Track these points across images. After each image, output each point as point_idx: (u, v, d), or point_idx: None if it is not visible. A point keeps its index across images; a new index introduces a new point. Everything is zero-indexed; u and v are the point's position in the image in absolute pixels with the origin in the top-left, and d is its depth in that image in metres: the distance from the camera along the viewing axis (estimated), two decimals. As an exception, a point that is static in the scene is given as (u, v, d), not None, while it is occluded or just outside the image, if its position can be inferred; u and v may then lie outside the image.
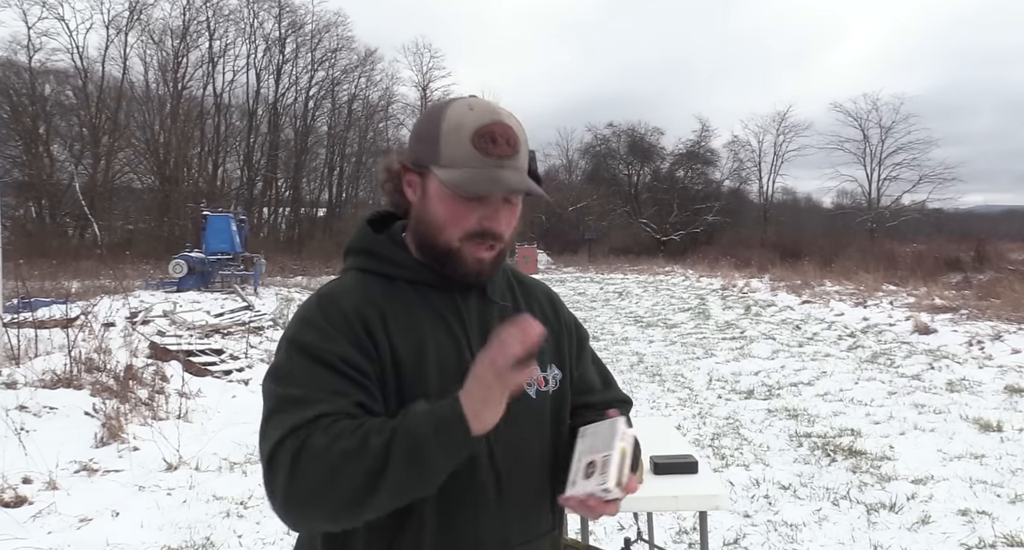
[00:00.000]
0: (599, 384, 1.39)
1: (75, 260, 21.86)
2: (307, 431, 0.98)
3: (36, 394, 5.49)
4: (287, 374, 1.07)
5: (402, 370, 1.11)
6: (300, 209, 44.17)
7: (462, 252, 1.14)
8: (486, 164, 1.10)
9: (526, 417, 1.20)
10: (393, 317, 1.14)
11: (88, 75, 36.83)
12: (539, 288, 1.37)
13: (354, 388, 1.06)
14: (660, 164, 49.84)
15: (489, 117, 1.12)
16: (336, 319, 1.11)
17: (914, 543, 3.72)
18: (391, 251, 1.21)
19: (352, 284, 1.19)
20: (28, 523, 3.83)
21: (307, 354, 1.07)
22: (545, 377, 1.25)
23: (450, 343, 1.16)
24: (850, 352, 9.99)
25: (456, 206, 1.13)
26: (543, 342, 1.13)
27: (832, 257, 23.99)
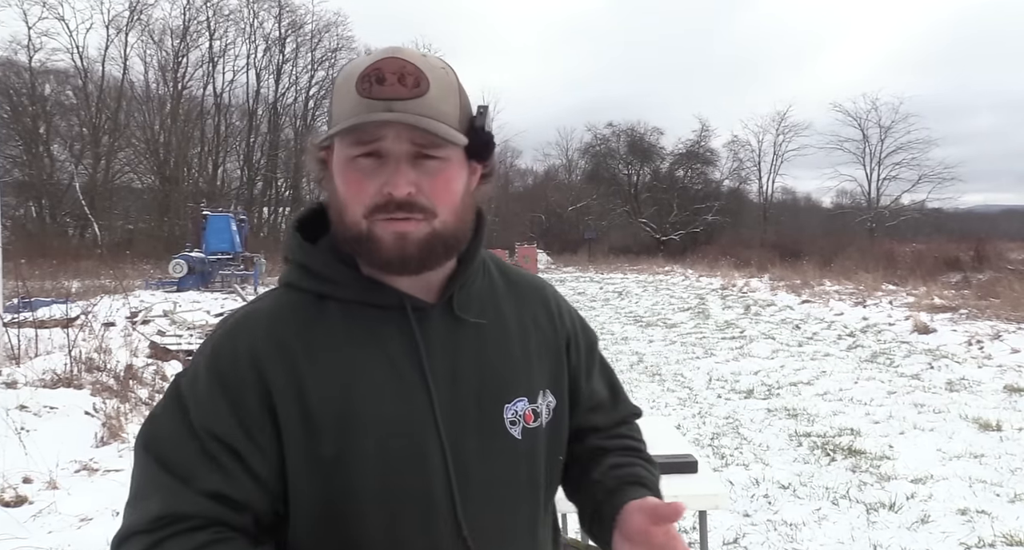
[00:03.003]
0: (607, 398, 1.17)
1: (75, 260, 21.84)
2: (156, 538, 0.85)
3: (36, 394, 5.49)
4: (155, 437, 0.91)
5: (315, 426, 0.89)
6: (300, 209, 43.94)
7: (373, 232, 0.89)
8: (369, 108, 0.86)
9: (507, 465, 0.98)
10: (309, 357, 0.91)
11: (88, 75, 36.85)
12: (534, 289, 1.11)
13: (212, 472, 0.87)
14: (660, 164, 49.85)
15: (383, 54, 0.88)
16: (225, 368, 0.90)
17: (913, 542, 3.73)
18: (321, 262, 0.96)
19: (270, 309, 0.96)
20: (28, 523, 3.83)
21: (178, 415, 0.90)
22: (535, 410, 1.01)
23: (393, 384, 0.92)
24: (850, 352, 9.99)
25: (351, 174, 0.89)
26: (530, 362, 1.02)
27: (832, 257, 23.98)
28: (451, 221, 0.92)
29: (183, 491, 0.87)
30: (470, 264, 1.00)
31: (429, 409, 0.93)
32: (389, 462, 0.91)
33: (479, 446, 0.96)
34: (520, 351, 1.02)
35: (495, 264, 1.09)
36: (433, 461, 0.93)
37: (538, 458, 1.01)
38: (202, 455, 0.88)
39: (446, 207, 0.91)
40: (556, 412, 1.05)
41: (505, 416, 0.98)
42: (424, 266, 0.93)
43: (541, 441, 1.01)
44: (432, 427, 0.93)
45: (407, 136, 0.87)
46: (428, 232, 0.90)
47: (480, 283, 1.03)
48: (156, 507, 0.86)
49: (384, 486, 0.92)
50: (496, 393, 0.98)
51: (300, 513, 0.92)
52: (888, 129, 45.25)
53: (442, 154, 0.89)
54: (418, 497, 0.92)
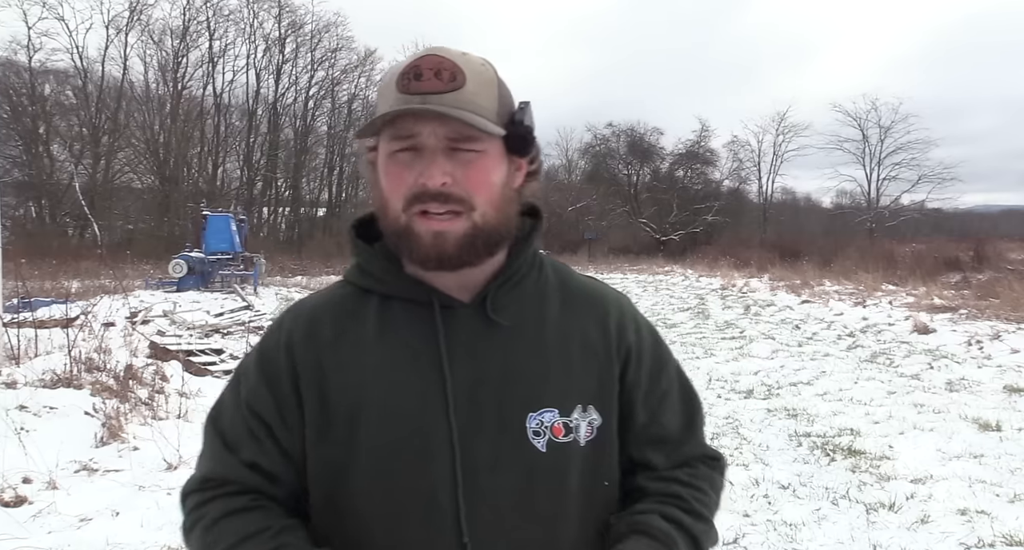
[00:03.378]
0: (676, 433, 1.04)
1: (75, 260, 21.86)
2: (204, 498, 0.98)
3: (36, 394, 5.49)
4: (218, 412, 1.03)
5: (330, 414, 0.94)
6: (300, 209, 44.17)
7: (412, 227, 0.90)
8: (407, 102, 0.87)
9: (524, 477, 0.92)
10: (335, 347, 0.96)
11: (88, 75, 36.85)
12: (592, 300, 1.03)
13: (251, 444, 0.96)
14: (660, 164, 49.88)
15: (424, 52, 0.90)
16: (268, 350, 0.99)
17: (913, 542, 3.73)
18: (369, 259, 1.00)
19: (318, 299, 1.03)
20: (28, 523, 3.82)
21: (236, 391, 1.01)
22: (567, 424, 0.94)
23: (409, 380, 0.93)
24: (849, 352, 9.99)
25: (390, 168, 0.91)
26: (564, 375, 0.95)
27: (831, 257, 24.00)
28: (491, 214, 0.91)
29: (229, 458, 0.97)
30: (513, 264, 0.98)
31: (443, 409, 0.92)
32: (393, 458, 0.92)
33: (493, 453, 0.92)
34: (557, 360, 0.97)
35: (555, 270, 1.05)
36: (440, 462, 0.92)
37: (567, 476, 0.95)
38: (246, 428, 0.97)
39: (483, 198, 0.90)
40: (601, 432, 0.97)
41: (528, 425, 0.93)
42: (463, 262, 0.92)
43: (574, 459, 0.95)
44: (444, 427, 0.92)
45: (442, 130, 0.88)
46: (467, 227, 0.90)
47: (528, 286, 1.00)
48: (207, 469, 1.00)
49: (386, 482, 0.92)
50: (520, 400, 0.94)
51: (314, 496, 0.97)
52: (888, 129, 45.36)
53: (478, 147, 0.89)
54: (420, 497, 0.91)
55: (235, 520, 0.93)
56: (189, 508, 0.99)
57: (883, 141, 45.77)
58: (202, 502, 0.97)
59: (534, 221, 1.02)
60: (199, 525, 0.96)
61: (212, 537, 0.93)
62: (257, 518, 0.93)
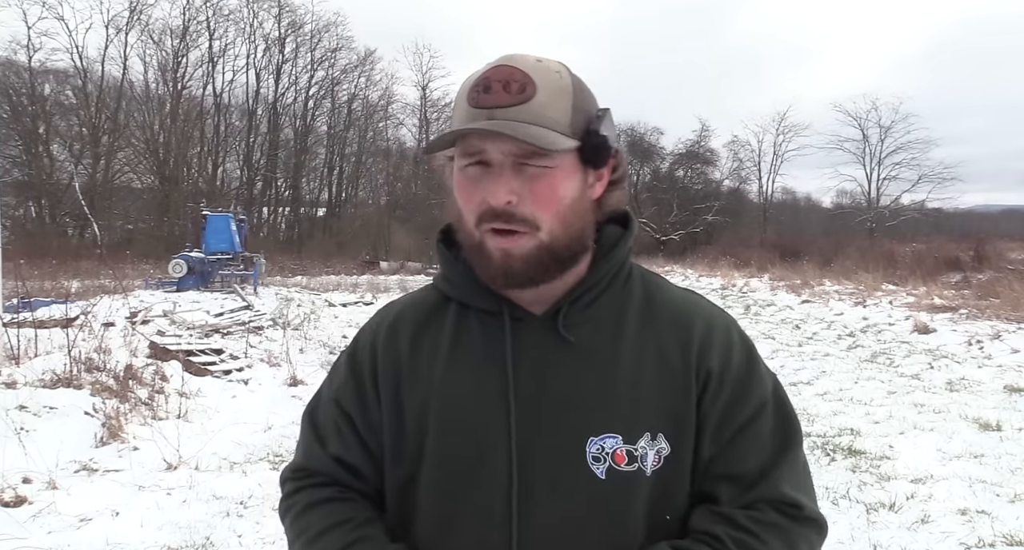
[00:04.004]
0: (752, 469, 0.93)
1: (75, 260, 21.84)
2: (296, 486, 1.04)
3: (36, 394, 5.49)
4: (315, 405, 1.08)
5: (402, 415, 0.96)
6: (300, 209, 44.18)
7: (484, 244, 0.89)
8: (474, 117, 0.86)
9: (581, 502, 0.89)
10: (413, 349, 0.97)
11: (88, 75, 36.83)
12: (678, 316, 0.96)
13: (336, 439, 1.01)
14: (660, 164, 49.90)
15: (496, 63, 0.88)
16: (358, 348, 1.03)
17: (913, 542, 3.72)
18: (451, 266, 0.99)
19: (406, 303, 1.05)
20: (28, 523, 3.82)
21: (329, 385, 1.06)
22: (631, 451, 0.89)
23: (474, 389, 0.92)
24: (850, 351, 9.99)
25: (461, 183, 0.90)
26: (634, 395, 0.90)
27: (832, 257, 24.00)
28: (559, 232, 0.88)
29: (318, 451, 1.02)
30: (591, 278, 0.94)
31: (504, 425, 0.90)
32: (452, 469, 0.92)
33: (552, 474, 0.89)
34: (627, 383, 0.91)
35: (645, 283, 0.99)
36: (495, 478, 0.90)
37: (630, 507, 0.90)
38: (334, 423, 1.01)
39: (550, 217, 0.87)
40: (669, 462, 0.90)
41: (588, 450, 0.89)
42: (532, 281, 0.90)
43: (640, 488, 0.89)
44: (504, 443, 0.90)
45: (508, 145, 0.85)
46: (534, 246, 0.87)
47: (607, 300, 0.95)
48: (300, 459, 1.06)
49: (442, 491, 0.93)
50: (581, 423, 0.90)
51: (388, 495, 1.01)
52: (888, 129, 45.34)
53: (547, 162, 0.86)
54: (473, 509, 0.91)
55: (322, 510, 0.98)
56: (285, 494, 1.05)
57: (883, 141, 45.79)
58: (295, 490, 1.03)
59: (624, 230, 0.98)
60: (291, 512, 1.02)
61: (301, 525, 0.99)
62: (342, 509, 0.98)
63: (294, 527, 1.01)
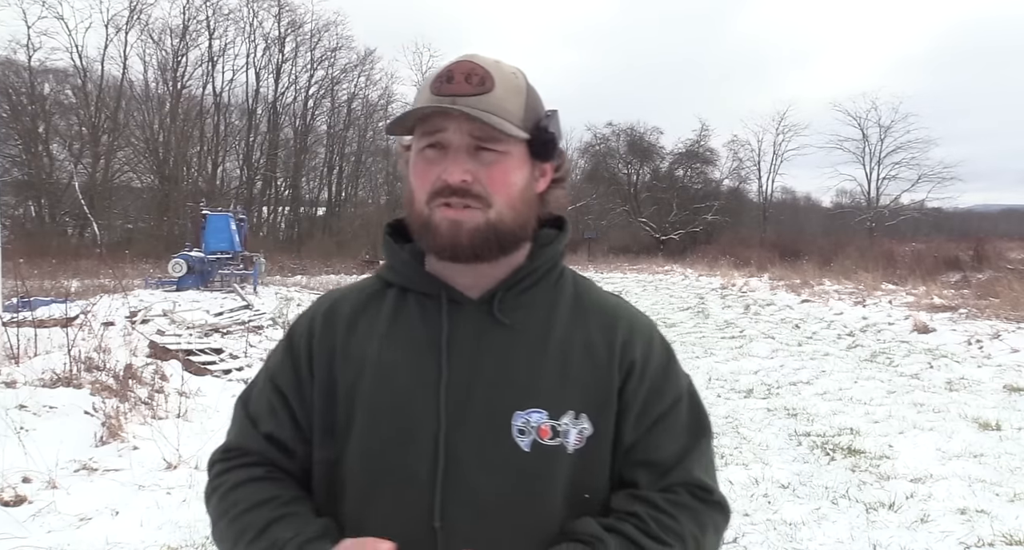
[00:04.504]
0: (670, 458, 0.99)
1: (74, 259, 21.86)
2: (225, 466, 1.05)
3: (36, 393, 5.49)
4: (249, 389, 1.11)
5: (334, 393, 0.99)
6: (299, 208, 44.20)
7: (432, 218, 0.94)
8: (437, 103, 0.92)
9: (505, 474, 0.93)
10: (349, 331, 1.01)
11: (87, 74, 36.86)
12: (604, 314, 1.02)
13: (270, 417, 1.04)
14: (659, 163, 49.92)
15: (458, 59, 0.96)
16: (295, 331, 1.07)
17: (913, 542, 3.73)
18: (394, 255, 1.05)
19: (345, 289, 1.10)
20: (28, 522, 3.82)
21: (266, 368, 1.09)
22: (555, 427, 0.94)
23: (408, 367, 0.97)
24: (849, 351, 9.99)
25: (418, 164, 0.96)
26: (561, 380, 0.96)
27: (831, 256, 24.00)
28: (507, 214, 0.94)
29: (250, 430, 1.05)
30: (527, 267, 1.00)
31: (434, 399, 0.95)
32: (380, 437, 0.96)
33: (478, 444, 0.94)
34: (554, 364, 0.97)
35: (576, 283, 1.05)
36: (423, 446, 0.94)
37: (552, 481, 0.94)
38: (268, 402, 1.04)
39: (501, 198, 0.94)
40: (591, 442, 0.96)
41: (514, 422, 0.94)
42: (476, 256, 0.95)
43: (561, 465, 0.94)
44: (432, 414, 0.95)
45: (467, 128, 0.92)
46: (482, 221, 0.93)
47: (540, 292, 1.01)
48: (230, 439, 1.08)
49: (370, 459, 0.97)
50: (509, 397, 0.95)
51: (316, 471, 1.03)
52: (888, 129, 45.40)
53: (501, 148, 0.93)
54: (399, 477, 0.95)
55: (250, 488, 1.00)
56: (212, 476, 1.06)
57: (883, 140, 45.86)
58: (223, 470, 1.05)
59: (559, 232, 1.04)
60: (218, 492, 1.03)
61: (228, 503, 1.00)
62: (269, 488, 1.00)
63: (220, 505, 1.02)
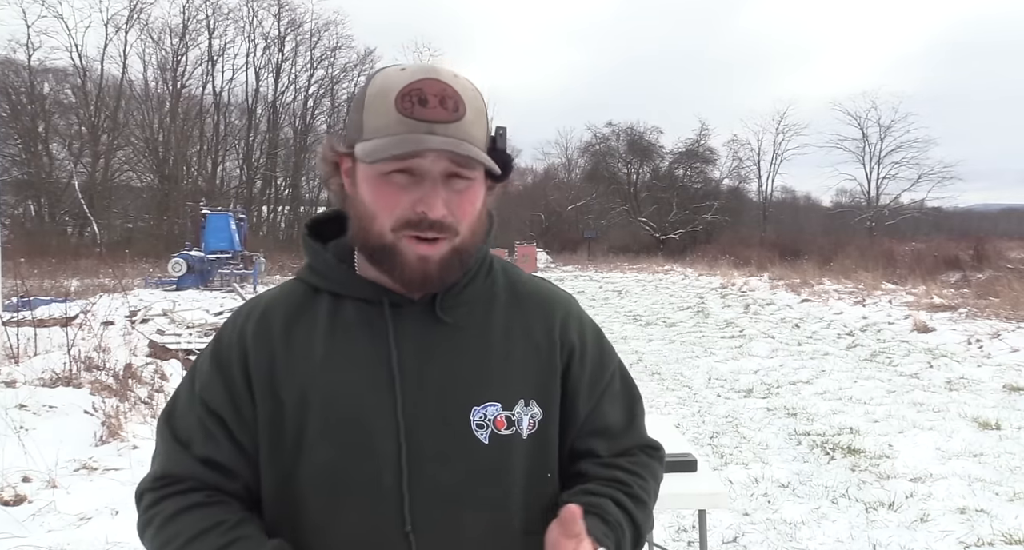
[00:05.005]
0: (618, 424, 1.10)
1: (74, 259, 21.87)
2: (158, 496, 0.98)
3: (35, 393, 5.49)
4: (173, 407, 1.03)
5: (279, 407, 0.96)
6: (299, 208, 44.14)
7: (398, 248, 0.92)
8: (411, 128, 0.88)
9: (468, 468, 0.95)
10: (286, 342, 0.98)
11: (87, 73, 36.81)
12: (539, 301, 1.07)
13: (204, 440, 0.98)
14: (659, 163, 49.84)
15: (421, 74, 0.90)
16: (222, 347, 1.00)
17: (913, 541, 3.73)
18: (321, 260, 1.02)
19: (270, 297, 1.04)
20: (27, 521, 3.83)
21: (190, 387, 1.02)
22: (509, 417, 0.98)
23: (357, 375, 0.95)
24: (849, 350, 9.99)
25: (383, 188, 0.91)
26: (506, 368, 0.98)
27: (831, 256, 23.99)
28: (468, 236, 0.95)
29: (182, 455, 0.98)
30: (461, 264, 0.99)
31: (390, 402, 0.94)
32: (339, 450, 0.94)
33: (438, 445, 0.95)
34: (500, 357, 1.00)
35: (505, 273, 1.08)
36: (385, 454, 0.94)
37: (511, 468, 0.98)
38: (200, 424, 0.98)
39: (466, 224, 0.94)
40: (542, 425, 1.01)
41: (472, 418, 0.96)
42: (444, 282, 0.96)
43: (517, 451, 0.98)
44: (391, 420, 0.94)
45: (446, 158, 0.90)
46: (448, 250, 0.94)
47: (477, 287, 1.03)
48: (160, 468, 1.00)
49: (331, 471, 0.94)
50: (463, 395, 0.97)
51: (266, 488, 0.98)
52: (888, 128, 45.35)
53: (472, 175, 0.93)
54: (364, 488, 0.94)
55: (191, 515, 0.94)
56: (144, 507, 0.99)
57: (883, 140, 45.81)
58: (156, 500, 0.98)
59: (488, 227, 1.04)
60: (154, 523, 0.96)
61: (168, 534, 0.94)
62: (213, 513, 0.95)
63: (159, 537, 0.95)
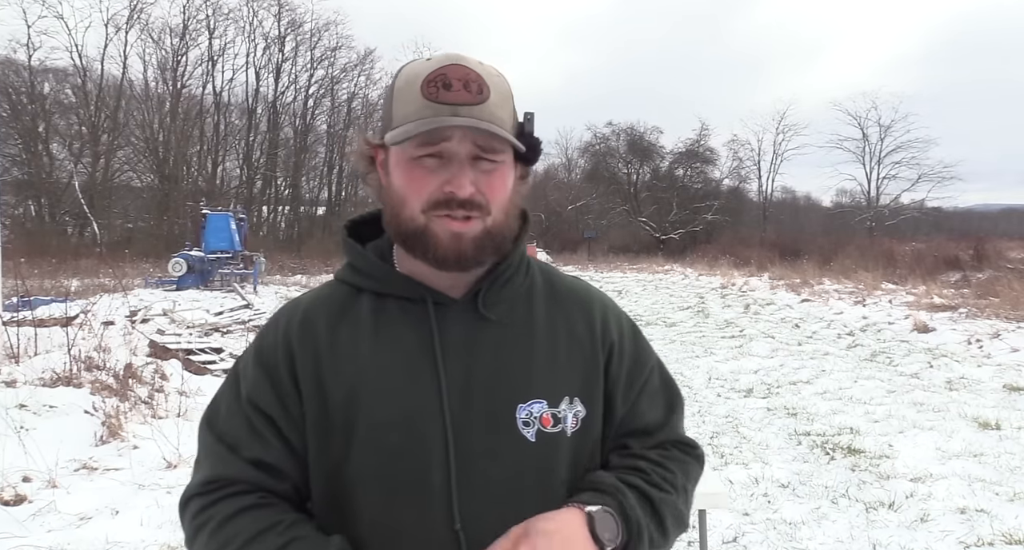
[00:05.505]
0: (656, 423, 1.10)
1: (74, 259, 21.88)
2: (209, 500, 0.97)
3: (36, 392, 5.49)
4: (215, 412, 1.03)
5: (327, 405, 0.96)
6: (299, 208, 44.15)
7: (430, 228, 0.93)
8: (436, 111, 0.90)
9: (516, 465, 0.96)
10: (331, 341, 0.98)
11: (87, 73, 36.81)
12: (577, 297, 1.08)
13: (253, 441, 0.98)
14: (659, 163, 49.88)
15: (446, 61, 0.93)
16: (266, 347, 1.01)
17: (913, 541, 3.73)
18: (363, 259, 1.03)
19: (312, 297, 1.05)
20: (28, 521, 3.83)
21: (234, 390, 1.02)
22: (555, 414, 0.98)
23: (403, 372, 0.96)
24: (849, 350, 9.99)
25: (412, 171, 0.94)
26: (556, 368, 0.98)
27: (831, 256, 24.00)
28: (501, 219, 0.97)
29: (231, 458, 0.98)
30: (503, 263, 1.01)
31: (437, 400, 0.95)
32: (388, 447, 0.95)
33: (486, 443, 0.95)
34: (545, 355, 1.01)
35: (541, 270, 1.10)
36: (434, 451, 0.94)
37: (557, 465, 0.98)
38: (248, 426, 0.99)
39: (497, 205, 0.95)
40: (585, 423, 1.01)
41: (518, 416, 0.97)
42: (478, 263, 0.97)
43: (563, 449, 0.99)
44: (438, 418, 0.95)
45: (471, 139, 0.92)
46: (481, 229, 0.95)
47: (517, 284, 1.04)
48: (208, 472, 1.00)
49: (380, 470, 0.95)
50: (510, 392, 0.97)
51: (315, 487, 0.99)
52: (888, 128, 45.39)
53: (499, 157, 0.94)
54: (413, 485, 0.94)
55: (247, 517, 0.94)
56: (193, 512, 0.99)
57: (883, 140, 45.85)
58: (208, 504, 0.97)
59: (522, 224, 1.05)
60: (207, 527, 0.96)
61: (225, 536, 0.94)
62: (268, 514, 0.95)
63: (215, 540, 0.94)
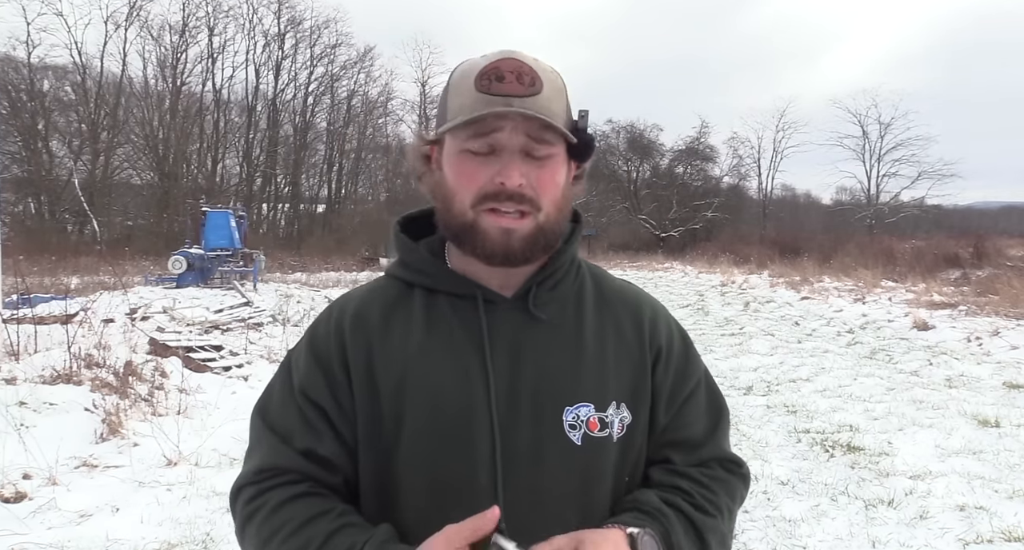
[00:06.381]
0: (699, 435, 1.06)
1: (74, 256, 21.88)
2: (261, 489, 0.97)
3: (36, 390, 5.49)
4: (267, 401, 1.04)
5: (378, 398, 0.97)
6: (299, 205, 44.15)
7: (479, 223, 0.93)
8: (489, 103, 0.90)
9: (560, 468, 0.95)
10: (383, 334, 0.99)
11: (87, 71, 36.78)
12: (627, 300, 1.07)
13: (305, 432, 0.98)
14: (659, 160, 49.88)
15: (500, 56, 0.93)
16: (319, 339, 1.02)
17: (912, 538, 3.73)
18: (415, 255, 1.04)
19: (364, 292, 1.06)
20: (28, 518, 3.83)
21: (286, 381, 1.03)
22: (602, 419, 0.97)
23: (452, 368, 0.96)
24: (849, 348, 10.00)
25: (463, 164, 0.93)
26: (607, 372, 0.96)
27: (831, 253, 24.02)
28: (553, 215, 0.95)
29: (283, 448, 0.98)
30: (555, 263, 1.01)
31: (484, 398, 0.95)
32: (436, 442, 0.95)
33: (532, 443, 0.95)
34: (593, 357, 1.00)
35: (591, 272, 1.09)
36: (481, 448, 0.94)
37: (602, 472, 0.97)
38: (300, 416, 0.99)
39: (549, 201, 0.94)
40: (630, 429, 0.99)
41: (565, 418, 0.96)
42: (526, 260, 0.96)
43: (608, 454, 0.98)
44: (485, 416, 0.95)
45: (523, 130, 0.91)
46: (533, 227, 0.94)
47: (567, 285, 1.03)
48: (260, 461, 1.00)
49: (428, 465, 0.95)
50: (557, 393, 0.97)
51: (363, 478, 1.00)
52: (888, 126, 45.38)
53: (551, 151, 0.93)
54: (460, 480, 0.94)
55: (300, 503, 0.95)
56: (245, 500, 0.99)
57: (883, 137, 45.87)
58: (260, 492, 0.98)
59: (574, 225, 1.05)
60: (259, 513, 0.96)
61: (278, 521, 0.94)
62: (320, 502, 0.96)
63: (268, 525, 0.94)
